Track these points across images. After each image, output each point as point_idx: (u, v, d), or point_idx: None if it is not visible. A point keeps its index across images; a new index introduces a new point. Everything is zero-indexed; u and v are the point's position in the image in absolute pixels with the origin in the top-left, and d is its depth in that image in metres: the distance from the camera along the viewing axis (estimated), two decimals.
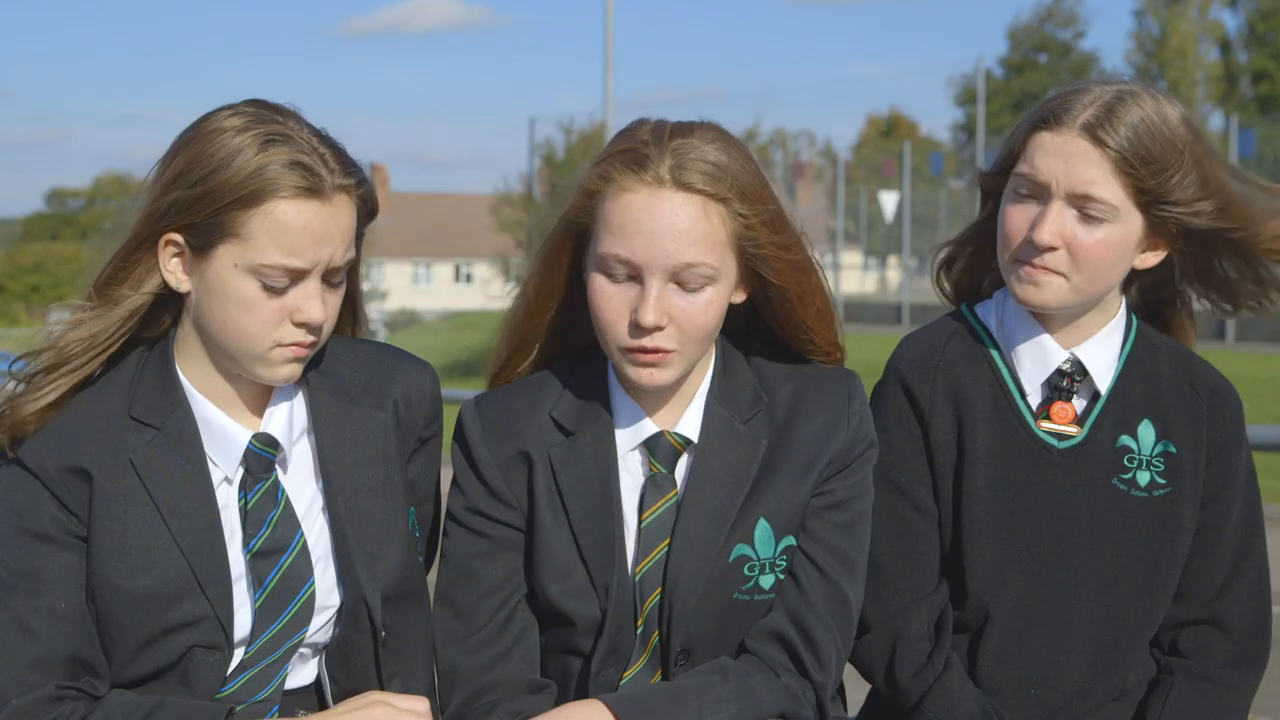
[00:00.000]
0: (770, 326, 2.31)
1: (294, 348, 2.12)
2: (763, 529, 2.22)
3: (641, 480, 2.25)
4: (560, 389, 2.29)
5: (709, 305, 2.14)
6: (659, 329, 2.12)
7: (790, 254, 2.21)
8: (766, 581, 2.22)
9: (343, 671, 2.21)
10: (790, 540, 2.23)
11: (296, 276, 2.08)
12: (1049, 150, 2.27)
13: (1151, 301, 2.52)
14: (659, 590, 2.20)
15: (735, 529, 2.20)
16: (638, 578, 2.20)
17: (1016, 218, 2.31)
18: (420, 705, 2.14)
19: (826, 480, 2.25)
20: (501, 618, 2.24)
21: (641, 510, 2.22)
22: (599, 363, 2.29)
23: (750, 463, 2.23)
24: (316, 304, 2.10)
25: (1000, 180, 2.39)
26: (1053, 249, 2.27)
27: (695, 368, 2.25)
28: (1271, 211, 2.34)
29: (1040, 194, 2.29)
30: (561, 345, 2.35)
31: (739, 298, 2.24)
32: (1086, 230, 2.27)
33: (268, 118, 2.10)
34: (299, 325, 2.10)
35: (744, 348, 2.34)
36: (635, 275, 2.12)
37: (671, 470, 2.24)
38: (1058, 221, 2.26)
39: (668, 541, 2.20)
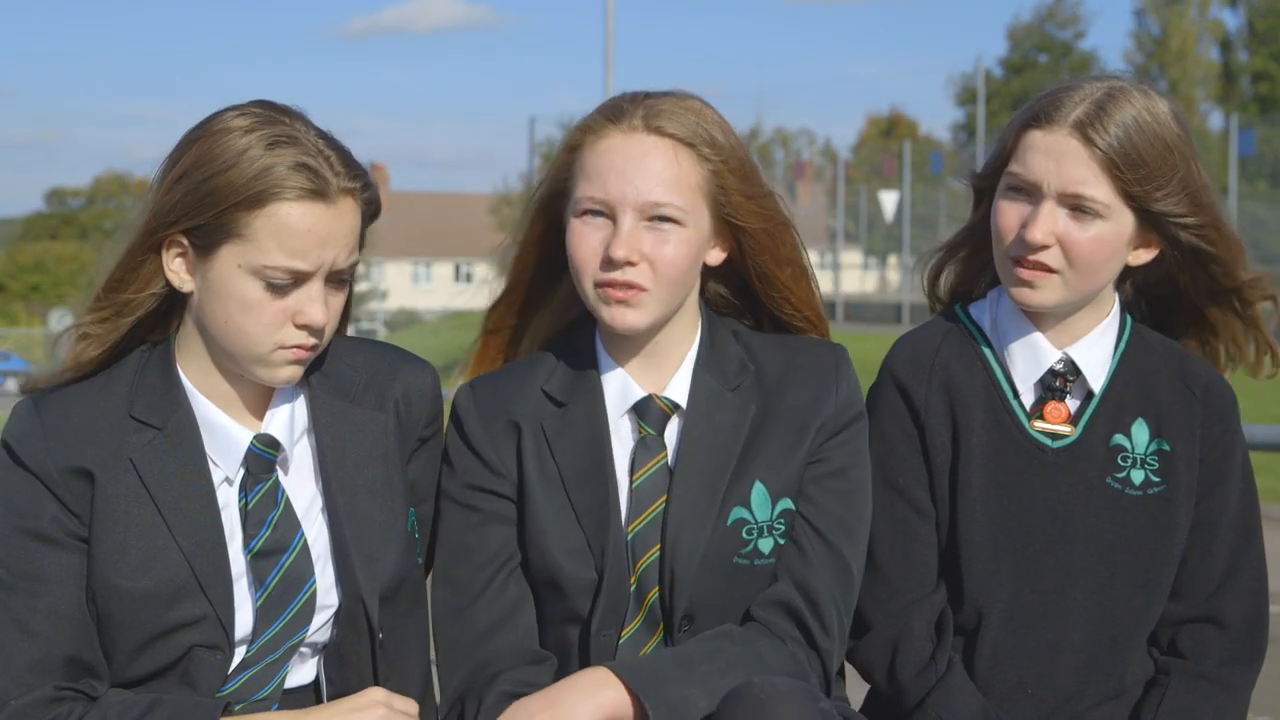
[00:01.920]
0: (749, 286, 2.38)
1: (295, 350, 2.12)
2: (759, 491, 2.25)
3: (632, 444, 2.29)
4: (551, 365, 2.36)
5: (680, 245, 2.23)
6: (630, 264, 2.20)
7: (760, 204, 2.30)
8: (766, 545, 2.25)
9: (338, 672, 2.21)
10: (787, 503, 2.26)
11: (300, 278, 2.09)
12: (1040, 149, 2.28)
13: (1154, 297, 2.52)
14: (654, 550, 2.23)
15: (730, 492, 2.25)
16: (630, 536, 2.24)
17: (1009, 215, 2.32)
18: (411, 708, 2.16)
19: (822, 445, 2.29)
20: (496, 588, 2.27)
21: (633, 472, 2.27)
22: (588, 337, 2.36)
23: (739, 427, 2.28)
24: (319, 306, 2.10)
25: (993, 180, 2.39)
26: (1045, 247, 2.28)
27: (680, 334, 2.32)
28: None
29: (1032, 192, 2.29)
30: (552, 317, 2.43)
31: (717, 257, 2.32)
32: (1079, 227, 2.28)
33: (274, 119, 2.10)
34: (301, 327, 2.11)
35: (731, 325, 2.40)
36: (609, 215, 2.22)
37: (661, 433, 2.29)
38: (1049, 220, 2.27)
39: (661, 502, 2.24)
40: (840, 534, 2.28)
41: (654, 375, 2.32)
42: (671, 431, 2.30)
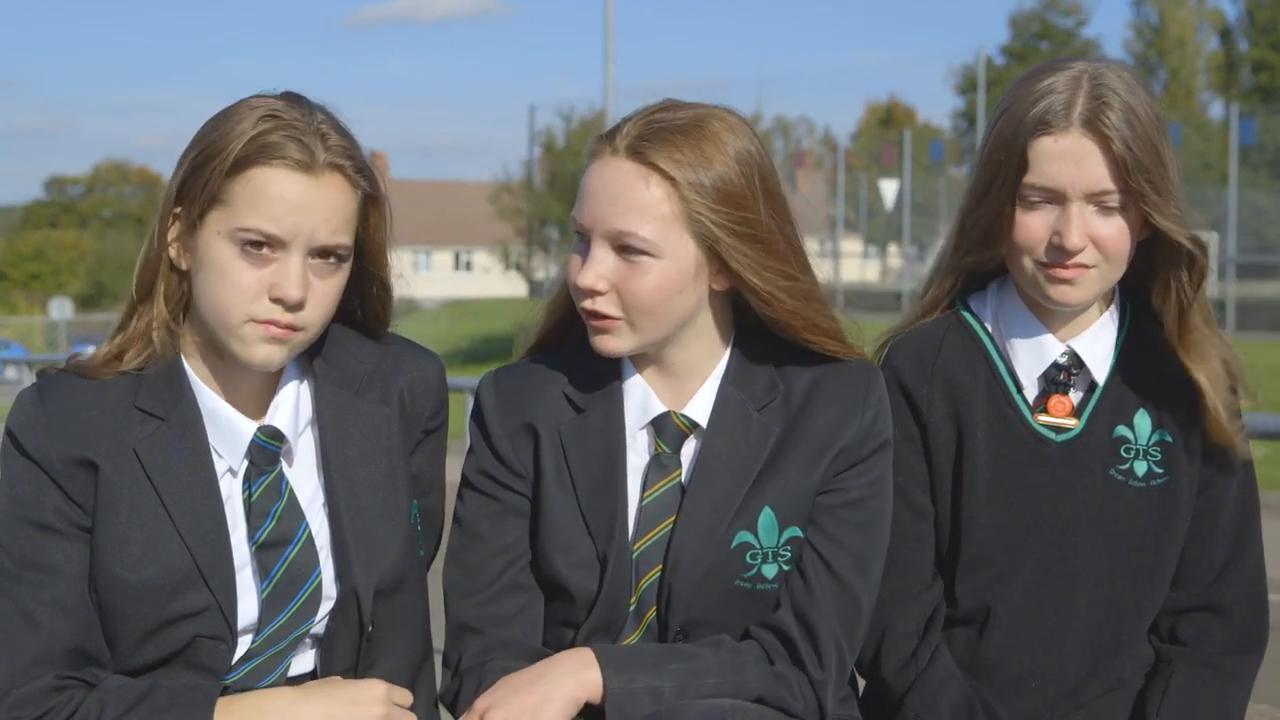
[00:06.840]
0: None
1: (268, 325, 2.08)
2: (766, 517, 2.22)
3: (648, 458, 2.26)
4: (575, 366, 2.31)
5: (651, 277, 2.13)
6: (597, 293, 2.15)
7: (760, 261, 2.17)
8: (769, 571, 2.22)
9: (324, 662, 2.21)
10: (795, 531, 2.23)
11: (275, 245, 2.07)
12: (1056, 155, 2.25)
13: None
14: (657, 569, 2.21)
15: (739, 516, 2.21)
16: (635, 555, 2.22)
17: (1035, 224, 2.29)
18: (407, 699, 2.17)
19: (839, 474, 2.24)
20: (507, 580, 2.26)
21: (644, 489, 2.24)
22: None
23: (760, 450, 2.23)
24: (295, 281, 2.07)
25: (1006, 194, 2.31)
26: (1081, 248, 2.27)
27: (699, 355, 2.26)
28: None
29: (1055, 198, 2.28)
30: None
31: (723, 283, 2.22)
32: (1104, 222, 2.27)
33: (287, 102, 2.11)
34: (275, 301, 2.08)
35: (765, 340, 2.30)
36: (587, 240, 2.17)
37: (677, 452, 2.25)
38: (1081, 222, 2.26)
39: (669, 523, 2.22)
40: (851, 568, 2.23)
41: (674, 392, 2.28)
42: (688, 450, 2.26)
